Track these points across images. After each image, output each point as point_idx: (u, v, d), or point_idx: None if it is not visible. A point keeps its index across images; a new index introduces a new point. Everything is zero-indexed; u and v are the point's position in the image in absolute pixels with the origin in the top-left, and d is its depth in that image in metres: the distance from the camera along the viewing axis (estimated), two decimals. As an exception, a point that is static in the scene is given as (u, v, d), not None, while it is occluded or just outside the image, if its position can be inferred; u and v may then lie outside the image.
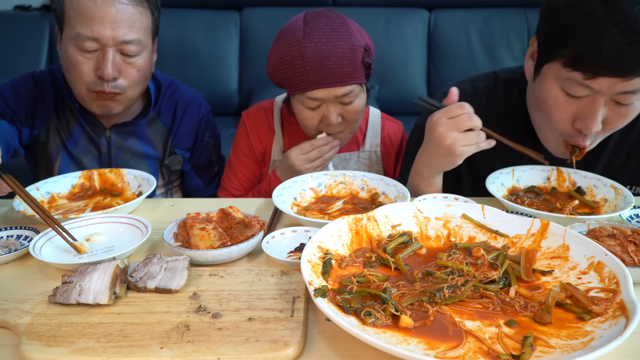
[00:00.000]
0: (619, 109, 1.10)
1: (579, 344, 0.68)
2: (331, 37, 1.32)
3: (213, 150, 1.70)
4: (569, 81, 1.09)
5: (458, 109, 1.17)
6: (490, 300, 0.79)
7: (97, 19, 1.29)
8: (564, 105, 1.13)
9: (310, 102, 1.37)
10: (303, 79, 1.33)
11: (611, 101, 1.09)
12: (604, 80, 1.05)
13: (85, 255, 0.97)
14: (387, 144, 1.62)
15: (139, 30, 1.36)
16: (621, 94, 1.06)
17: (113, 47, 1.32)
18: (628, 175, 1.32)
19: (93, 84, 1.35)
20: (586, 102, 1.10)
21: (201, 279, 0.87)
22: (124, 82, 1.37)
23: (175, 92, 1.61)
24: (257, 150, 1.60)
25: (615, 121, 1.13)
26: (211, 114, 1.70)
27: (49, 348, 0.71)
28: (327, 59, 1.30)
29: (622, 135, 1.32)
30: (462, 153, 1.16)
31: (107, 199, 1.27)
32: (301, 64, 1.32)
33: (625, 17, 1.00)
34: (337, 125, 1.40)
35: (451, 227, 0.99)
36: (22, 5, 3.15)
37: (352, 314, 0.75)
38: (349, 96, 1.36)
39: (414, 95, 3.00)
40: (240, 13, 3.13)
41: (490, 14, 3.03)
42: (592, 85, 1.06)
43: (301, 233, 1.04)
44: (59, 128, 1.52)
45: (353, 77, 1.34)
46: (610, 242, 0.94)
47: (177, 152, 1.61)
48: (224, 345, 0.71)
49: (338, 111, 1.38)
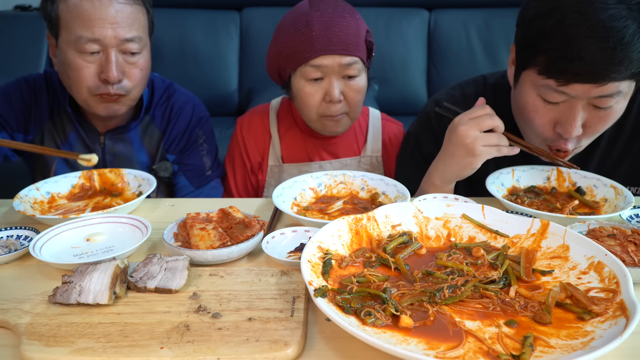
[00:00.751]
0: (598, 113, 1.11)
1: (579, 344, 0.68)
2: (336, 9, 1.36)
3: (206, 155, 1.61)
4: (544, 88, 1.11)
5: (480, 110, 1.18)
6: (490, 300, 0.79)
7: (97, 20, 1.28)
8: (543, 111, 1.14)
9: (314, 72, 1.35)
10: (308, 46, 1.33)
11: (589, 105, 1.10)
12: (578, 87, 1.06)
13: (85, 254, 0.97)
14: (388, 146, 1.61)
15: (139, 28, 1.35)
16: (598, 98, 1.07)
17: (115, 47, 1.32)
18: (622, 176, 1.31)
19: (96, 88, 1.34)
20: (564, 107, 1.12)
21: (201, 279, 0.87)
22: (129, 84, 1.37)
23: (172, 96, 1.58)
24: (254, 159, 1.58)
25: (596, 125, 1.13)
26: (209, 120, 1.63)
27: (49, 348, 0.71)
28: (333, 26, 1.33)
29: (612, 136, 1.32)
30: (481, 153, 1.15)
31: (107, 199, 1.27)
32: (307, 31, 1.33)
33: (596, 24, 1.01)
34: (339, 106, 1.39)
35: (451, 227, 0.99)
36: (22, 5, 3.15)
37: (352, 314, 0.75)
38: (353, 68, 1.36)
39: (414, 96, 3.05)
40: (240, 13, 3.14)
41: (490, 14, 3.03)
42: (566, 91, 1.08)
43: (301, 233, 1.04)
44: (54, 133, 1.50)
45: (357, 49, 1.35)
46: (610, 242, 0.94)
47: (168, 158, 1.57)
48: (224, 345, 0.71)
49: (340, 87, 1.38)
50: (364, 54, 1.39)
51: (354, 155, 1.58)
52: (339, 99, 1.38)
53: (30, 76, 1.52)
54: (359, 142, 1.59)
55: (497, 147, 1.16)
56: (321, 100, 1.39)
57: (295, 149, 1.56)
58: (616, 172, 1.33)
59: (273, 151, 1.56)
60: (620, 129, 1.31)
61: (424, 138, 1.44)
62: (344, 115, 1.43)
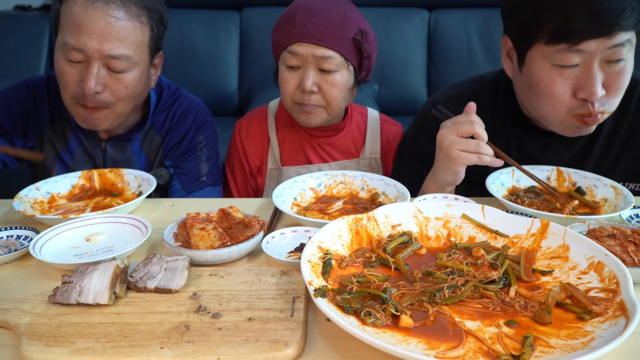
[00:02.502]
0: (614, 68, 1.14)
1: (579, 344, 0.68)
2: (326, 1, 1.37)
3: (205, 161, 1.57)
4: (558, 53, 1.13)
5: (464, 116, 1.19)
6: (490, 300, 0.79)
7: (85, 29, 1.24)
8: (560, 79, 1.16)
9: (291, 59, 1.37)
10: (289, 33, 1.36)
11: (604, 63, 1.13)
12: (591, 43, 1.09)
13: (85, 254, 0.97)
14: (386, 147, 1.60)
15: (129, 45, 1.28)
16: (611, 49, 1.10)
17: (99, 60, 1.26)
18: (621, 172, 1.33)
19: (77, 96, 1.30)
20: (581, 71, 1.14)
21: (201, 279, 0.87)
22: (110, 97, 1.31)
23: (176, 102, 1.54)
24: (254, 163, 1.57)
25: (615, 81, 1.15)
26: (212, 126, 1.59)
27: (49, 348, 0.71)
28: (315, 16, 1.35)
29: (611, 131, 1.33)
30: (458, 157, 1.16)
31: (107, 199, 1.27)
32: (291, 17, 1.37)
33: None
34: (312, 96, 1.39)
35: (451, 227, 0.99)
36: (22, 5, 3.15)
37: (352, 314, 0.75)
38: (328, 62, 1.36)
39: (413, 96, 3.05)
40: (240, 13, 3.13)
41: (490, 14, 3.02)
42: (581, 48, 1.11)
43: (301, 233, 1.04)
44: (54, 139, 1.48)
45: (336, 43, 1.35)
46: (610, 242, 0.94)
47: (166, 164, 1.53)
48: (224, 345, 0.71)
49: (315, 79, 1.38)
50: (346, 52, 1.37)
51: (353, 156, 1.58)
52: (310, 89, 1.38)
53: (32, 79, 1.49)
54: (358, 144, 1.59)
55: (477, 155, 1.16)
56: (296, 88, 1.41)
57: (294, 151, 1.56)
58: (615, 168, 1.33)
59: (272, 154, 1.56)
60: (618, 124, 1.31)
61: (420, 139, 1.44)
62: (319, 108, 1.43)
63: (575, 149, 1.33)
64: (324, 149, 1.55)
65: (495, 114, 1.36)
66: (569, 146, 1.34)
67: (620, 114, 1.28)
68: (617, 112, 1.25)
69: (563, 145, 1.34)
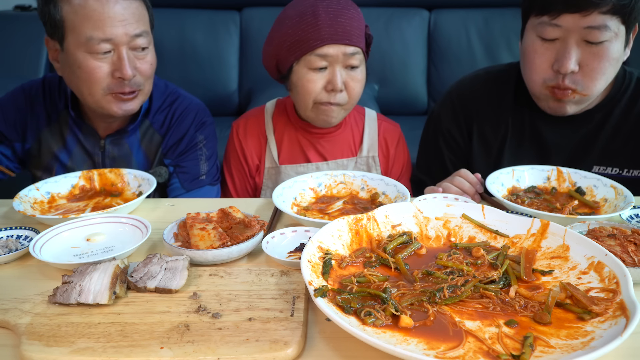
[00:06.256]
0: (592, 49, 1.22)
1: (579, 344, 0.68)
2: (339, 2, 1.42)
3: (204, 160, 1.59)
4: (541, 26, 1.25)
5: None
6: (490, 300, 0.79)
7: (107, 19, 1.29)
8: (541, 50, 1.27)
9: (319, 61, 1.39)
10: (315, 35, 1.37)
11: (582, 42, 1.22)
12: (568, 17, 1.20)
13: (85, 254, 0.97)
14: (384, 147, 1.61)
15: (145, 23, 1.37)
16: (588, 29, 1.19)
17: (126, 44, 1.33)
18: (626, 158, 1.37)
19: (111, 87, 1.34)
20: (560, 44, 1.24)
21: (201, 279, 0.87)
22: (141, 79, 1.38)
23: (175, 101, 1.57)
24: (252, 162, 1.58)
25: (591, 62, 1.23)
26: (212, 126, 1.62)
27: (49, 348, 0.71)
28: (339, 17, 1.38)
29: (620, 118, 1.37)
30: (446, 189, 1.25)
31: (107, 199, 1.27)
32: (313, 21, 1.37)
33: None
34: (339, 94, 1.42)
35: (451, 227, 0.99)
36: (22, 5, 3.15)
37: (352, 314, 0.75)
38: (356, 58, 1.40)
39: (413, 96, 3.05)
40: (240, 13, 3.13)
41: (490, 14, 3.03)
42: (559, 23, 1.21)
43: (301, 233, 1.04)
44: (51, 140, 1.50)
45: (359, 40, 1.41)
46: (610, 242, 0.94)
47: (165, 162, 1.55)
48: (224, 345, 0.71)
49: (343, 77, 1.41)
50: (364, 46, 1.44)
51: (350, 155, 1.58)
52: (341, 88, 1.41)
53: (28, 84, 1.52)
54: (355, 142, 1.60)
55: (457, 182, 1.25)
56: (322, 88, 1.42)
57: (291, 150, 1.56)
58: (620, 154, 1.37)
59: (269, 153, 1.57)
60: (628, 111, 1.36)
61: (442, 114, 1.55)
62: (339, 108, 1.45)
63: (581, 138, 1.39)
64: (321, 147, 1.56)
65: (517, 93, 1.45)
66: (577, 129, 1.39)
67: (629, 107, 1.35)
68: (626, 104, 1.35)
69: (570, 129, 1.39)
